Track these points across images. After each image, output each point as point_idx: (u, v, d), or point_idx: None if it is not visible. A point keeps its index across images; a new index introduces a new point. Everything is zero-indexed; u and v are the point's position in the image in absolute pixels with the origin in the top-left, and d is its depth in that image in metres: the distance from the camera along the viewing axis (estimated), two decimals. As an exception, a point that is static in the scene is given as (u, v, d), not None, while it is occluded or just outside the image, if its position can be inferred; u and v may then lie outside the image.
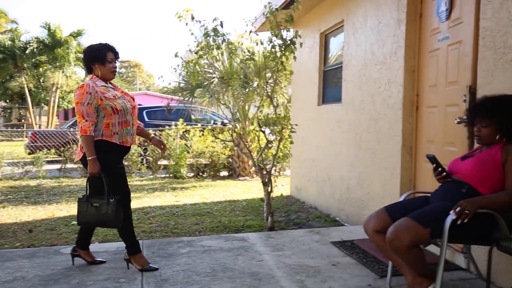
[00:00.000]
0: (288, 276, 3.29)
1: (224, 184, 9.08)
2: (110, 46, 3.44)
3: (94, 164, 3.24)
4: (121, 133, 3.36)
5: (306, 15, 6.74)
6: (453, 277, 3.20)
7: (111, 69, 3.41)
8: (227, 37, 4.95)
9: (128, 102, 3.43)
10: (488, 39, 3.04)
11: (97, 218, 3.32)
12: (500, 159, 2.56)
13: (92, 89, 3.24)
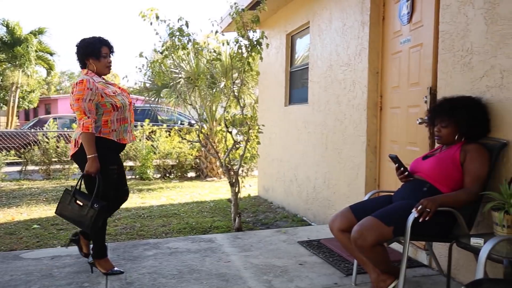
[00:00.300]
0: (256, 276, 3.29)
1: (192, 185, 9.01)
2: (105, 40, 3.34)
3: (93, 162, 3.11)
4: (119, 130, 3.30)
5: (273, 16, 6.77)
6: (415, 273, 3.28)
7: (106, 64, 3.32)
8: (193, 37, 4.91)
9: (126, 99, 3.37)
10: (447, 42, 3.14)
11: (74, 215, 3.21)
12: (459, 158, 2.65)
13: (93, 85, 3.15)
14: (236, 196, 4.95)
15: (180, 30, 4.81)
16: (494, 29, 2.72)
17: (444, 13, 3.17)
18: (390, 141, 4.06)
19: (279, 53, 6.66)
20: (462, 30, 2.99)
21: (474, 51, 2.89)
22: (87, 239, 3.45)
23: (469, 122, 2.67)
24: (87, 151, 3.11)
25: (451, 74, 3.12)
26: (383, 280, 2.69)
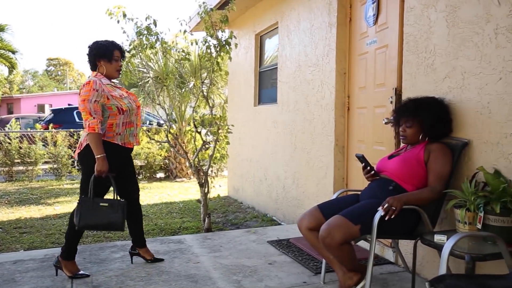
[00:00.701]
0: (225, 276, 3.29)
1: (161, 186, 8.92)
2: (117, 44, 3.40)
3: (103, 162, 3.10)
4: (124, 134, 3.28)
5: (241, 16, 6.77)
6: (382, 270, 3.35)
7: (117, 67, 3.36)
8: (161, 36, 4.85)
9: (133, 102, 3.36)
10: (412, 44, 3.21)
11: (104, 219, 3.15)
12: (423, 157, 2.72)
13: (99, 86, 3.16)
14: (205, 196, 4.93)
15: (148, 29, 4.75)
16: (455, 32, 2.81)
17: (408, 15, 3.24)
18: (358, 140, 4.12)
19: (248, 53, 6.66)
20: (426, 33, 3.07)
21: (437, 53, 2.97)
22: (144, 246, 3.57)
23: (433, 122, 2.74)
24: (94, 151, 3.10)
25: (415, 75, 3.19)
26: (349, 277, 2.73)
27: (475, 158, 2.68)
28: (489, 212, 2.30)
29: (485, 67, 2.59)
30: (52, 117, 13.15)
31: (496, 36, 2.51)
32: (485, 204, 2.32)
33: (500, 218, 2.27)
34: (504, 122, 2.48)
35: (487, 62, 2.58)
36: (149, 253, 3.61)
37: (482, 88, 2.62)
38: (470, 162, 2.72)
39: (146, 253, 3.60)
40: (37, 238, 4.79)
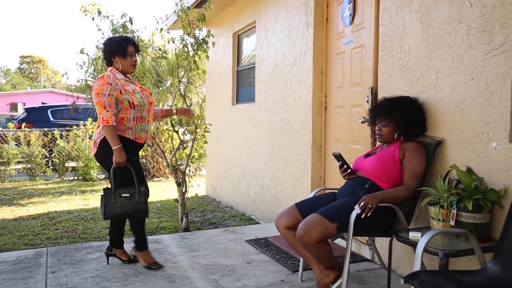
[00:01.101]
0: (203, 276, 3.27)
1: (138, 186, 8.81)
2: (131, 39, 3.42)
3: (120, 153, 3.15)
4: (135, 128, 3.32)
5: (219, 15, 6.75)
6: (359, 268, 3.39)
7: (132, 62, 3.37)
8: (137, 34, 4.79)
9: (145, 98, 3.38)
10: (387, 44, 3.26)
11: (126, 209, 3.25)
12: (398, 156, 2.76)
13: (113, 80, 3.21)
14: (183, 196, 4.90)
15: (124, 26, 4.68)
16: (429, 32, 2.86)
17: (384, 15, 3.29)
18: (335, 139, 4.16)
19: (226, 52, 6.65)
20: (400, 33, 3.11)
21: (411, 53, 3.02)
22: (119, 248, 3.55)
23: (407, 121, 2.79)
24: (111, 143, 3.15)
25: (390, 75, 3.24)
26: (326, 275, 2.76)
27: (449, 156, 2.73)
28: (462, 209, 2.35)
29: (458, 67, 2.64)
30: (25, 116, 12.85)
31: (468, 37, 2.57)
32: (458, 201, 2.37)
33: (472, 215, 2.32)
34: (476, 121, 2.54)
35: (459, 62, 2.63)
36: (125, 255, 3.58)
37: (455, 88, 2.67)
38: (444, 160, 2.77)
39: (122, 254, 3.58)
40: (9, 239, 4.68)
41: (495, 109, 2.42)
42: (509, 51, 2.33)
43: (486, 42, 2.46)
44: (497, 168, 2.42)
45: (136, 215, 3.34)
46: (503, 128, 2.38)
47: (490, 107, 2.45)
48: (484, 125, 2.49)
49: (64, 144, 9.83)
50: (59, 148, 9.76)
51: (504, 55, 2.36)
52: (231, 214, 5.90)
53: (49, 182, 9.21)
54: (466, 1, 2.57)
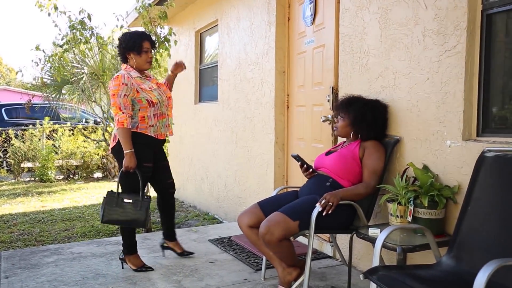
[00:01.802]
0: (165, 277, 3.23)
1: (98, 186, 8.62)
2: (147, 35, 3.35)
3: (131, 158, 3.12)
4: (157, 125, 3.29)
5: (181, 13, 6.68)
6: (321, 265, 3.43)
7: (147, 59, 3.30)
8: (96, 31, 4.68)
9: (163, 94, 3.33)
10: (347, 44, 3.32)
11: (126, 215, 3.18)
12: (358, 154, 2.82)
13: (128, 80, 3.15)
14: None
15: (82, 23, 4.56)
16: (387, 33, 2.93)
17: (344, 16, 3.34)
18: (297, 138, 4.20)
19: (188, 50, 6.58)
20: (360, 33, 3.18)
21: (370, 53, 3.08)
22: (174, 240, 3.61)
23: (360, 120, 2.84)
24: (123, 146, 3.12)
25: (350, 75, 3.30)
26: (289, 273, 2.78)
27: (406, 154, 2.81)
28: (419, 206, 2.42)
29: (414, 67, 2.72)
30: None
31: (424, 38, 2.65)
32: (415, 198, 2.44)
33: (428, 210, 2.39)
34: (431, 120, 2.62)
35: (416, 63, 2.71)
36: (179, 246, 3.65)
37: (411, 88, 2.75)
38: (402, 158, 2.85)
39: (176, 246, 3.64)
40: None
41: (449, 108, 2.51)
42: (461, 53, 2.42)
43: (441, 44, 2.54)
44: (451, 165, 2.51)
45: (134, 224, 3.25)
46: (456, 126, 2.47)
47: (444, 106, 2.54)
48: (439, 124, 2.58)
49: (20, 144, 9.48)
50: (14, 148, 9.41)
51: (457, 56, 2.45)
52: (194, 214, 5.85)
53: (3, 184, 8.86)
54: (422, 3, 2.65)
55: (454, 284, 1.99)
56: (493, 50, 2.40)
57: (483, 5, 2.40)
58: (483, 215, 2.12)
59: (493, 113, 2.44)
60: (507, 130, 2.36)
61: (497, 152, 2.18)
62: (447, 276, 2.06)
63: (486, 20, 2.39)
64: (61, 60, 4.92)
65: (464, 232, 2.17)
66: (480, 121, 2.45)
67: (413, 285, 1.87)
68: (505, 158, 2.14)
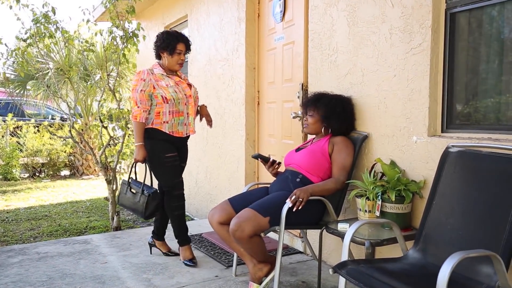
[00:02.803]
0: (135, 275, 3.19)
1: (66, 184, 8.43)
2: (183, 37, 3.37)
3: (139, 150, 3.26)
4: (172, 122, 3.31)
5: (150, 8, 6.58)
6: (292, 260, 3.46)
7: (179, 60, 3.34)
8: (61, 25, 4.55)
9: (180, 92, 3.32)
10: (316, 41, 3.34)
11: (129, 203, 3.40)
12: (327, 150, 2.85)
13: (147, 75, 3.25)
14: (113, 193, 4.74)
15: (46, 16, 4.42)
16: (355, 31, 2.96)
17: (313, 13, 3.36)
18: (268, 135, 4.21)
19: (157, 46, 6.49)
20: (329, 30, 3.20)
21: (339, 50, 3.12)
22: (160, 240, 3.64)
23: (330, 114, 2.88)
24: (135, 138, 3.27)
25: (320, 71, 3.32)
26: (260, 269, 2.79)
27: (374, 150, 2.86)
28: (386, 200, 2.47)
29: (382, 64, 2.77)
30: None
31: (391, 36, 2.69)
32: (383, 193, 2.49)
33: (395, 205, 2.44)
34: (398, 116, 2.67)
35: (383, 60, 2.76)
36: (165, 246, 3.65)
37: (379, 84, 2.80)
38: (370, 154, 2.89)
39: (162, 246, 3.65)
40: None
41: (415, 105, 2.57)
42: (427, 50, 2.48)
43: (407, 42, 2.59)
44: (418, 161, 2.56)
45: (136, 213, 3.42)
46: (422, 123, 2.53)
47: (410, 103, 2.59)
48: (405, 120, 2.63)
49: (-18, 142, 9.16)
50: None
51: (422, 54, 2.50)
52: (164, 211, 5.79)
53: (-35, 183, 8.56)
54: (388, 1, 2.70)
55: (420, 277, 2.04)
56: (457, 48, 2.47)
57: (446, 4, 2.46)
58: (447, 209, 2.18)
59: (457, 110, 2.51)
60: (470, 126, 2.43)
61: (461, 148, 2.25)
62: (413, 269, 2.12)
63: (450, 18, 2.46)
64: (24, 55, 4.77)
65: (430, 226, 2.23)
66: (445, 118, 2.51)
67: (381, 278, 1.91)
68: (468, 153, 2.21)
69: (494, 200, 1.99)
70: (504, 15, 2.27)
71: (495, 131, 2.28)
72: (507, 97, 2.27)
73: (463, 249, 1.78)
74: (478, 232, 2.00)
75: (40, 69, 5.74)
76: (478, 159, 2.15)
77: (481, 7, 2.33)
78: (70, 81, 5.45)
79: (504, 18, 2.27)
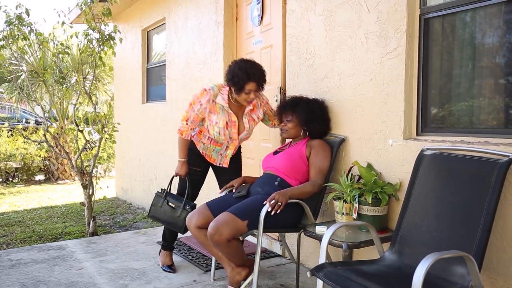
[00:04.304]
0: (111, 281, 3.14)
1: (40, 189, 8.25)
2: (255, 76, 2.90)
3: (182, 166, 3.23)
4: (207, 146, 3.23)
5: (127, 10, 6.52)
6: (270, 263, 3.46)
7: (247, 99, 2.98)
8: (36, 27, 4.46)
9: (226, 136, 3.09)
10: (294, 45, 3.36)
11: (167, 217, 3.26)
12: (305, 153, 2.86)
13: (206, 103, 3.02)
14: (90, 198, 4.66)
15: (20, 18, 4.33)
16: (332, 35, 2.99)
17: (290, 17, 3.38)
18: (246, 138, 4.20)
19: (135, 49, 6.43)
20: (306, 34, 3.23)
21: (316, 54, 3.14)
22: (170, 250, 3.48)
23: (309, 117, 2.90)
24: (178, 154, 3.23)
25: (298, 75, 3.34)
26: (238, 273, 2.78)
27: (351, 153, 2.89)
28: (363, 203, 2.49)
29: (358, 68, 2.80)
30: None
31: (367, 40, 2.73)
32: (360, 196, 2.51)
33: (372, 207, 2.47)
34: (374, 120, 2.71)
35: (359, 64, 2.79)
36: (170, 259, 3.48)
37: (356, 88, 2.83)
38: (347, 157, 2.92)
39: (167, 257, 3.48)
40: None
41: (391, 108, 2.60)
42: (402, 55, 2.52)
43: (382, 46, 2.63)
44: (393, 164, 2.60)
45: (173, 227, 3.27)
46: (398, 126, 2.57)
47: (386, 106, 2.63)
48: (381, 123, 2.67)
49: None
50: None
51: (397, 58, 2.54)
52: (142, 216, 5.73)
53: None
54: (364, 6, 2.73)
55: (396, 278, 2.07)
56: (431, 53, 2.51)
57: (421, 10, 2.51)
58: (422, 211, 2.21)
59: (432, 113, 2.56)
60: (444, 129, 2.48)
61: (435, 150, 2.29)
62: (390, 270, 2.14)
63: (424, 24, 2.50)
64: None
65: (405, 228, 2.26)
66: (420, 121, 2.56)
67: (358, 280, 1.93)
68: (442, 156, 2.25)
69: (467, 202, 2.03)
70: (476, 21, 2.33)
71: (468, 134, 2.33)
72: (480, 101, 2.33)
73: (438, 250, 1.81)
74: (452, 233, 2.04)
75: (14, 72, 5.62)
76: (451, 161, 2.19)
77: (454, 13, 2.39)
78: (45, 84, 5.34)
79: (477, 23, 2.32)
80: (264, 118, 3.27)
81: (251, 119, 3.14)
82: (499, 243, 2.07)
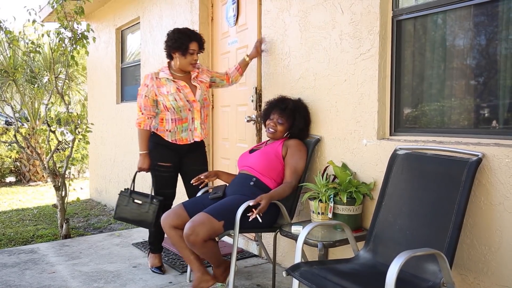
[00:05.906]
0: (85, 285, 3.08)
1: (11, 191, 8.05)
2: (196, 36, 3.14)
3: (144, 159, 3.15)
4: (175, 130, 3.16)
5: (101, 9, 6.42)
6: (247, 264, 3.46)
7: (192, 61, 3.12)
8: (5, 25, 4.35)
9: (182, 99, 3.10)
10: (269, 45, 3.37)
11: (134, 215, 3.18)
12: (281, 152, 2.87)
13: (150, 81, 3.11)
14: (62, 200, 4.57)
15: (-12, 16, 4.21)
16: (307, 36, 3.01)
17: (266, 18, 3.39)
18: (222, 138, 4.19)
19: (109, 48, 6.34)
20: (281, 35, 3.24)
21: (291, 55, 3.15)
22: (159, 252, 3.41)
23: (302, 126, 2.92)
24: (138, 146, 3.15)
25: (273, 75, 3.35)
26: (205, 280, 2.77)
27: (327, 152, 2.91)
28: (338, 202, 2.51)
29: (333, 69, 2.83)
30: None
31: (341, 42, 2.76)
32: (335, 195, 2.53)
33: (346, 207, 2.50)
34: (349, 120, 2.74)
35: (334, 65, 2.82)
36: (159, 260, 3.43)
37: (330, 89, 2.86)
38: (322, 156, 2.94)
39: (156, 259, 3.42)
40: None
41: (364, 108, 2.64)
42: (375, 56, 2.55)
43: (356, 47, 2.66)
44: (368, 163, 2.63)
45: (142, 225, 3.22)
46: (371, 126, 2.60)
47: (360, 107, 2.66)
48: (356, 124, 2.70)
49: None
50: None
51: (371, 59, 2.58)
52: (117, 218, 5.65)
53: None
54: (338, 8, 2.76)
55: (370, 276, 2.10)
56: (404, 54, 2.56)
57: (393, 12, 2.55)
58: (396, 210, 2.25)
59: (405, 113, 2.60)
60: (417, 129, 2.53)
61: (407, 150, 2.33)
62: (364, 269, 2.17)
63: (397, 25, 2.54)
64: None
65: (379, 227, 2.29)
66: (393, 121, 2.60)
67: (333, 279, 1.95)
68: (414, 155, 2.29)
69: (438, 200, 2.07)
70: (447, 23, 2.38)
71: (440, 134, 2.38)
72: (451, 101, 2.38)
73: (411, 248, 1.84)
74: (424, 232, 2.08)
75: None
76: (423, 161, 2.23)
77: (425, 15, 2.43)
78: (15, 83, 5.22)
79: (447, 25, 2.38)
80: (216, 81, 3.38)
81: (200, 81, 3.23)
82: (469, 240, 2.12)
